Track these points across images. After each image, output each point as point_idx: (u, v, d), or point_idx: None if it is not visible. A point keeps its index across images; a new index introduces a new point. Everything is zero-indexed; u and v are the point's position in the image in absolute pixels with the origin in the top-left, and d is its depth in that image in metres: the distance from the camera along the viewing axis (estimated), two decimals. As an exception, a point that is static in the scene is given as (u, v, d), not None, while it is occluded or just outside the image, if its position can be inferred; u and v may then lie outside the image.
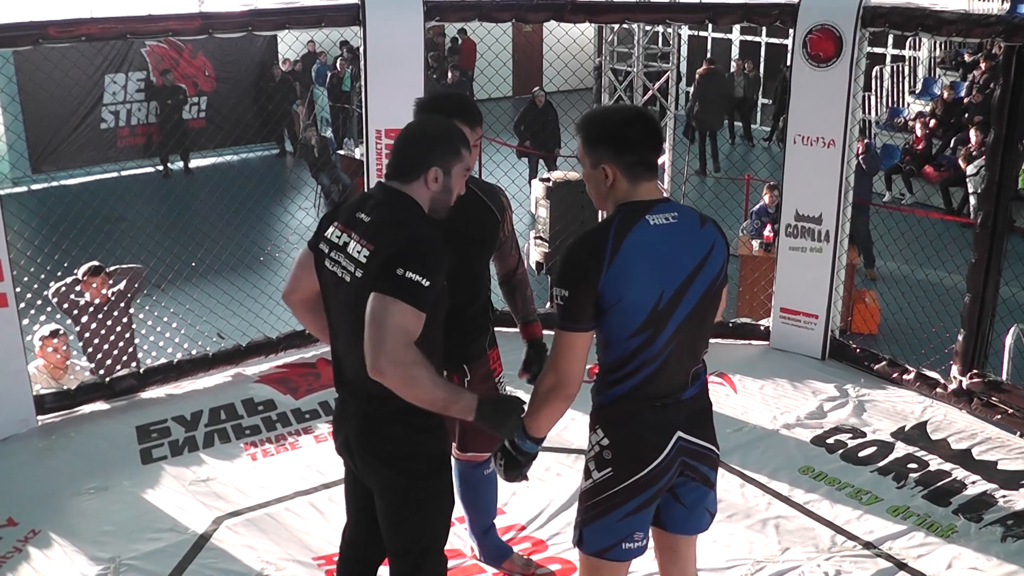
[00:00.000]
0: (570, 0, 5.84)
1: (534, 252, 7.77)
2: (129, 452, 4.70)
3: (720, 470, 4.37)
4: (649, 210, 2.53)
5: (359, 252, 2.57)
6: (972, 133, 11.88)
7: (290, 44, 14.84)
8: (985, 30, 4.93)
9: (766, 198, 9.16)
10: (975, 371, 5.09)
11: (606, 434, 2.62)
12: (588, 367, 2.64)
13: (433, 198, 2.65)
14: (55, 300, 6.07)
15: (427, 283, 2.46)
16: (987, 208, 4.98)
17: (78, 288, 6.08)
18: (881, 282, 9.77)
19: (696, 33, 18.33)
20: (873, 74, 15.10)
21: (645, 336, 2.51)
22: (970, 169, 11.23)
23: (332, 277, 2.67)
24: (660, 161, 7.05)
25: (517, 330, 3.54)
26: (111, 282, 6.17)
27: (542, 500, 4.22)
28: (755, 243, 8.99)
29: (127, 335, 6.16)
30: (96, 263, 6.15)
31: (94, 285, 6.03)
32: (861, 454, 4.63)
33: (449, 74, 15.80)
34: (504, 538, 3.86)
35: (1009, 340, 5.74)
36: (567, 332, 2.51)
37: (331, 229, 2.70)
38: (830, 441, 4.74)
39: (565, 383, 2.54)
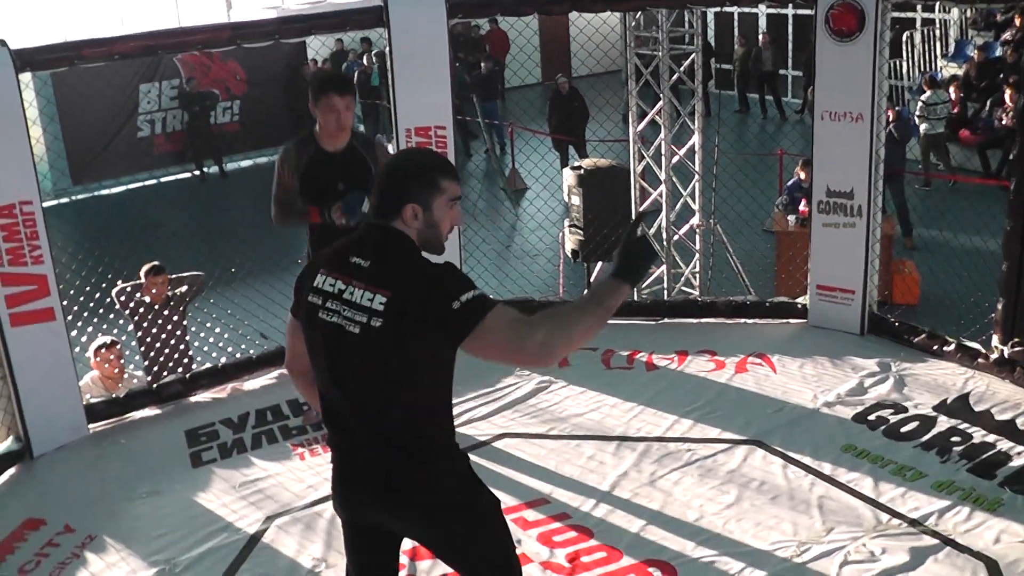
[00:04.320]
0: (589, -11, 5.85)
1: (569, 240, 7.78)
2: (179, 456, 4.81)
3: (762, 451, 4.48)
4: None
5: (371, 300, 2.45)
6: (1008, 93, 11.69)
7: (323, 41, 14.89)
8: (1012, -6, 4.87)
9: (801, 174, 9.10)
10: (1016, 340, 5.04)
11: None
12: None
13: (420, 234, 2.55)
14: (121, 300, 6.21)
15: (478, 291, 2.41)
16: (1020, 174, 4.93)
17: (133, 291, 6.23)
18: (923, 250, 9.68)
19: (721, 9, 18.16)
20: (904, 39, 14.89)
21: None
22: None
23: (331, 329, 2.52)
24: (691, 142, 7.08)
25: None
26: (177, 290, 6.31)
27: (585, 489, 4.26)
28: (791, 219, 8.96)
29: (185, 337, 6.31)
30: (156, 263, 6.28)
31: (155, 289, 6.16)
32: (903, 430, 4.61)
33: (482, 65, 15.82)
34: (547, 528, 3.92)
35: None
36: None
37: (320, 278, 2.57)
38: (872, 418, 4.73)
39: None
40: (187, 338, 6.40)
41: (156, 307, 6.21)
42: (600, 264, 7.81)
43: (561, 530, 3.99)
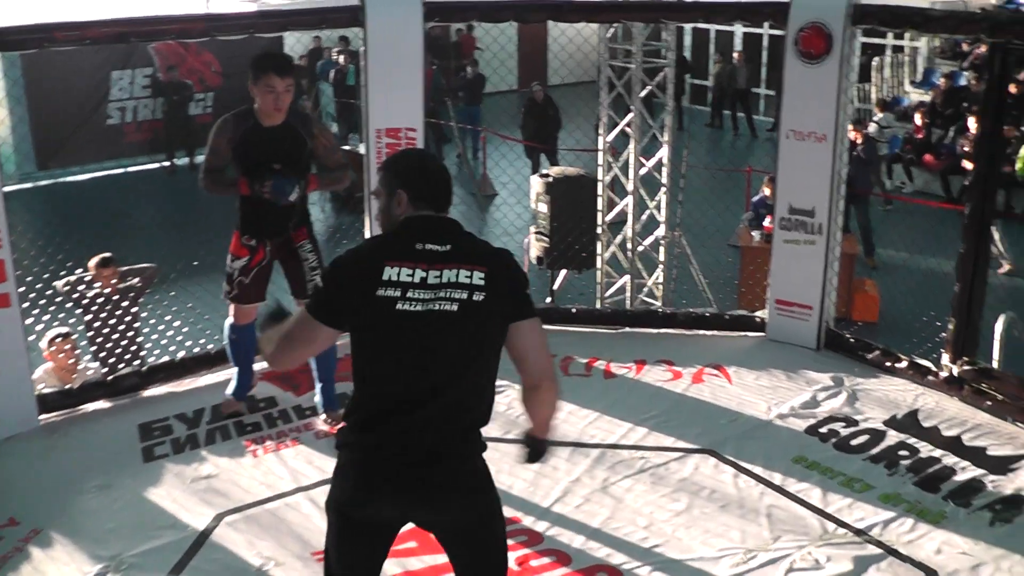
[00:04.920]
0: (566, 1, 5.91)
1: (534, 247, 7.82)
2: (131, 450, 4.75)
3: (714, 460, 4.53)
4: None
5: (469, 276, 2.60)
6: (972, 121, 11.89)
7: (297, 38, 14.79)
8: (971, 27, 5.00)
9: (766, 190, 9.21)
10: (966, 359, 5.14)
11: None
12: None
13: None
14: (65, 291, 6.15)
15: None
16: (975, 199, 5.05)
17: (86, 282, 6.17)
18: (884, 270, 9.82)
19: (697, 25, 18.31)
20: (873, 64, 15.12)
21: None
22: None
23: (419, 316, 2.58)
24: (658, 156, 7.16)
25: None
26: (129, 280, 6.26)
27: (537, 494, 4.29)
28: (755, 234, 9.06)
29: (140, 329, 6.26)
30: (107, 255, 6.23)
31: (103, 282, 6.11)
32: (853, 443, 4.69)
33: (468, 69, 15.85)
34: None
35: (999, 328, 5.78)
36: None
37: (391, 271, 2.60)
38: (823, 430, 4.80)
39: None
40: (143, 330, 6.35)
41: (106, 299, 6.15)
42: (564, 272, 7.85)
43: (512, 534, 3.96)
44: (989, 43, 4.89)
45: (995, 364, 5.60)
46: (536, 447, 2.87)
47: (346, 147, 13.07)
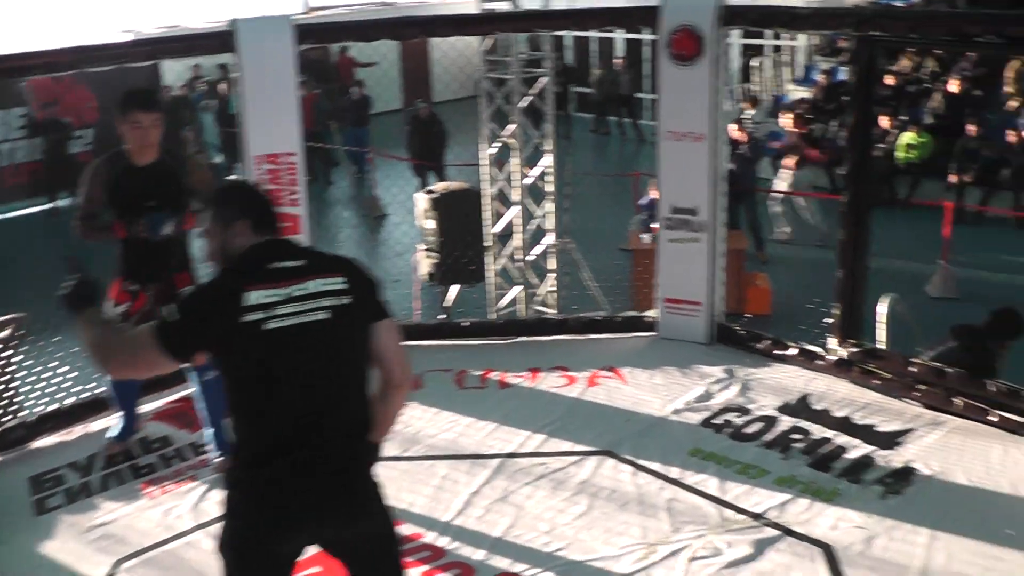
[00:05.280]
0: (438, 16, 5.95)
1: (423, 264, 7.80)
2: (22, 505, 4.58)
3: (612, 460, 4.59)
4: None
5: (331, 284, 2.66)
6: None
7: (169, 65, 14.52)
8: (837, 22, 5.20)
9: (653, 193, 9.38)
10: (852, 341, 5.32)
11: None
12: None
13: None
14: None
15: None
16: (852, 189, 5.25)
17: None
18: (773, 263, 10.09)
19: (578, 33, 18.59)
20: (754, 64, 15.57)
21: None
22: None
23: (290, 330, 2.58)
24: (542, 165, 7.21)
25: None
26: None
27: (438, 509, 4.28)
28: (645, 236, 9.22)
29: (17, 381, 6.01)
30: None
31: None
32: (747, 431, 4.80)
33: (351, 91, 15.73)
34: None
35: (883, 309, 5.99)
36: None
37: (252, 295, 2.57)
38: (718, 421, 4.91)
39: None
40: (28, 379, 6.11)
41: None
42: (456, 287, 7.83)
43: (414, 550, 3.96)
44: (855, 37, 5.09)
45: (880, 344, 5.80)
46: (375, 455, 2.80)
47: (232, 177, 12.86)
